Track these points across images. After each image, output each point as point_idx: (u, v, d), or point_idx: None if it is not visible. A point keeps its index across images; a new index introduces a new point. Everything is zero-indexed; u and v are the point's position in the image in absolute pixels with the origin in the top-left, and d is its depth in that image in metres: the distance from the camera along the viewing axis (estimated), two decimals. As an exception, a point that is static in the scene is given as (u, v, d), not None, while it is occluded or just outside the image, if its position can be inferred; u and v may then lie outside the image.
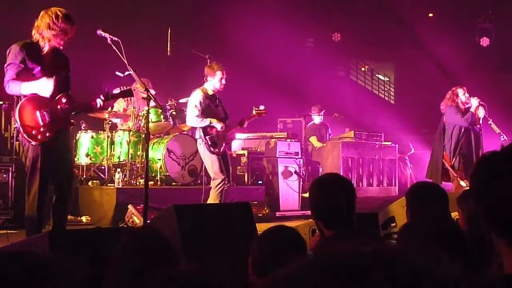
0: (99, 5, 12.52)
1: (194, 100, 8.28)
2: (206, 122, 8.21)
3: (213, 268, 1.76)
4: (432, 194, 4.10)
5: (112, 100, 6.65)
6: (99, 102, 6.18)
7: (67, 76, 6.24)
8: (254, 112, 8.89)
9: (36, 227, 5.91)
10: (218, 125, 8.21)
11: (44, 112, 5.90)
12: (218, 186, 8.06)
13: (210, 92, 8.30)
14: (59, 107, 5.97)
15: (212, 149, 8.17)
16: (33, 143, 5.87)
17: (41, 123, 5.88)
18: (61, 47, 6.03)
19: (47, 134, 5.92)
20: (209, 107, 8.27)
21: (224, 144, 8.32)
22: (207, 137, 8.18)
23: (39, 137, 5.89)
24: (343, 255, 0.89)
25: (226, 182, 8.10)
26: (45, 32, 5.90)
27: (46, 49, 5.95)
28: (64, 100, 6.03)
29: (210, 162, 8.25)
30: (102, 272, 2.77)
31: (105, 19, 10.33)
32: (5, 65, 5.90)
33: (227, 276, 1.63)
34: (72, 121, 6.28)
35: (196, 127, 8.39)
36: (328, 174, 3.64)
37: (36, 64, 5.91)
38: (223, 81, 8.24)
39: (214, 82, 8.25)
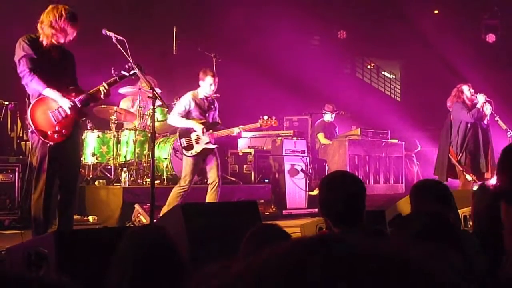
0: (104, 4, 12.51)
1: (181, 101, 8.41)
2: (184, 123, 8.28)
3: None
4: (435, 191, 4.09)
5: (119, 83, 6.61)
6: (102, 89, 6.19)
7: (73, 71, 6.27)
8: (259, 122, 8.89)
9: (42, 226, 5.91)
10: (199, 128, 8.22)
11: (56, 111, 5.94)
12: (181, 189, 8.09)
13: (201, 96, 8.35)
14: (71, 100, 6.02)
15: (185, 151, 8.25)
16: (51, 143, 5.89)
17: (55, 122, 5.92)
18: (61, 43, 6.04)
19: (63, 132, 5.96)
20: (195, 110, 8.31)
21: (205, 148, 8.25)
22: (182, 139, 8.26)
23: (55, 136, 5.92)
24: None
25: (188, 189, 8.08)
26: (45, 28, 5.96)
27: (45, 43, 5.99)
28: (73, 94, 6.07)
29: (184, 162, 8.35)
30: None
31: (110, 18, 10.34)
32: (17, 59, 5.94)
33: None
34: (85, 113, 6.32)
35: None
36: (337, 172, 3.62)
37: (41, 58, 5.95)
38: (212, 87, 8.27)
39: (204, 86, 8.29)
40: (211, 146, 8.29)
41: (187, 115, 8.32)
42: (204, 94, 8.36)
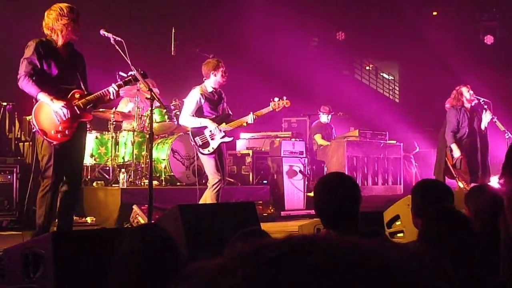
0: (102, 5, 12.51)
1: (190, 99, 8.13)
2: (196, 122, 8.02)
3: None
4: (437, 191, 4.08)
5: (125, 86, 6.61)
6: (112, 90, 6.20)
7: (83, 72, 6.31)
8: (271, 106, 8.37)
9: (46, 225, 5.92)
10: (212, 126, 7.98)
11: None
12: (214, 187, 7.87)
13: (210, 89, 8.09)
14: (74, 103, 6.03)
15: (201, 150, 8.01)
16: (54, 142, 5.91)
17: (58, 122, 5.93)
18: (75, 38, 6.07)
19: (67, 132, 5.99)
20: (206, 106, 8.09)
21: (221, 143, 8.03)
22: (196, 138, 8.00)
23: (58, 136, 5.96)
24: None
25: (222, 182, 7.93)
26: (55, 25, 5.99)
27: (60, 42, 6.03)
28: (77, 96, 6.09)
29: (203, 162, 8.19)
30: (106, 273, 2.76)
31: (108, 19, 10.33)
32: (22, 58, 5.96)
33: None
34: (89, 114, 6.33)
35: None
36: (332, 174, 3.62)
37: (51, 61, 5.99)
38: (225, 74, 8.03)
39: (217, 77, 8.01)
40: (227, 139, 8.08)
41: (198, 111, 8.05)
42: (212, 86, 8.07)
